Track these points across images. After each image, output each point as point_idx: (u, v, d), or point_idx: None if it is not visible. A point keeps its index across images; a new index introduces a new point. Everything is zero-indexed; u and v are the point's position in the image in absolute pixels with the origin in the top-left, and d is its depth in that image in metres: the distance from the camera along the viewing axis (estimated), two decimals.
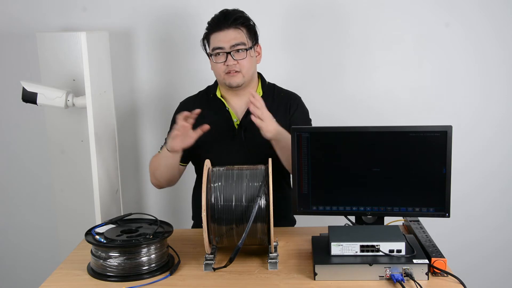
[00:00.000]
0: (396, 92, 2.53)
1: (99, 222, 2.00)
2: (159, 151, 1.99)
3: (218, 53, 1.92)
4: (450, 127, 1.63)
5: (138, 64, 2.57)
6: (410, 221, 1.85)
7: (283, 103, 2.04)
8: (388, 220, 1.79)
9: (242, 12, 1.98)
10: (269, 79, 2.12)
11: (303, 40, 2.51)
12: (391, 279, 1.48)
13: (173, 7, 2.50)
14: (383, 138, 1.69)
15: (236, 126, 2.00)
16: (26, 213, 2.73)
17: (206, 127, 1.82)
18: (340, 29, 2.49)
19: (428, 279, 1.49)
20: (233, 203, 1.57)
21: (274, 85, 2.12)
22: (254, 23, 2.00)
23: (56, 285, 1.56)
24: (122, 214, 1.77)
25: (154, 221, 1.71)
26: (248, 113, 1.95)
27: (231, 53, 1.91)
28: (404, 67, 2.52)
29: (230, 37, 1.91)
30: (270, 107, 1.94)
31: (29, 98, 2.12)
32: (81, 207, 2.30)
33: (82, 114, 2.20)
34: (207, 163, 1.66)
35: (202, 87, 2.17)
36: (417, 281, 1.46)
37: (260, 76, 2.09)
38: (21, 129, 2.65)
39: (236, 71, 1.92)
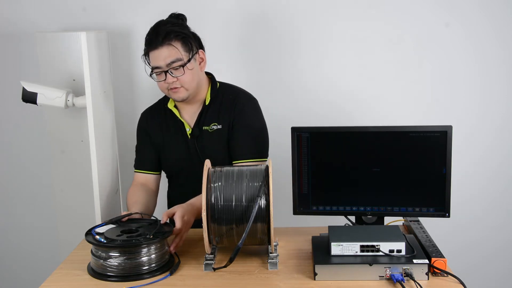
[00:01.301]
0: (396, 92, 2.53)
1: (99, 222, 2.00)
2: (136, 173, 2.10)
3: (157, 72, 1.90)
4: (450, 127, 1.63)
5: (138, 64, 2.57)
6: (410, 221, 1.85)
7: (227, 105, 1.99)
8: (388, 220, 1.79)
9: (175, 23, 1.91)
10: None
11: (302, 40, 2.51)
12: (391, 279, 1.48)
13: (173, 7, 2.49)
14: (383, 138, 1.69)
15: (189, 136, 2.00)
16: (26, 213, 2.73)
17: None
18: (340, 29, 2.49)
19: (428, 279, 1.49)
20: (233, 203, 1.57)
21: (226, 85, 2.06)
22: (189, 31, 1.93)
23: (56, 285, 1.56)
24: (122, 214, 1.77)
25: (155, 221, 1.71)
26: (198, 121, 1.99)
27: (169, 70, 1.87)
28: (404, 67, 2.52)
29: (164, 55, 1.85)
30: (215, 112, 1.99)
31: (29, 98, 2.12)
32: (81, 207, 2.30)
33: (82, 114, 2.20)
34: (207, 163, 1.66)
35: None
36: (417, 281, 1.46)
37: (211, 78, 2.05)
38: (21, 129, 2.65)
39: (177, 87, 1.90)
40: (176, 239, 1.72)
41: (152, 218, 1.75)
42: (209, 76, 2.06)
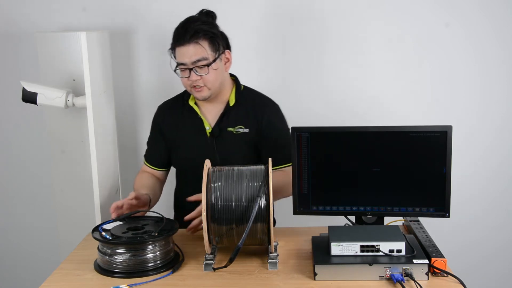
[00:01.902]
0: (396, 92, 2.54)
1: (99, 222, 2.00)
2: (144, 164, 2.11)
3: (182, 69, 1.89)
4: (450, 127, 1.63)
5: (138, 64, 2.57)
6: (410, 221, 1.84)
7: (255, 110, 1.99)
8: (388, 220, 1.79)
9: (204, 21, 1.89)
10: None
11: (302, 40, 2.51)
12: (391, 279, 1.48)
13: (173, 7, 2.50)
14: (383, 138, 1.69)
15: (208, 134, 1.99)
16: (26, 213, 2.74)
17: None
18: (339, 29, 2.49)
19: (428, 279, 1.49)
20: (233, 203, 1.57)
21: (250, 89, 2.06)
22: (217, 31, 1.91)
23: (56, 285, 1.56)
24: (127, 213, 1.78)
25: (160, 219, 1.72)
26: (219, 121, 1.98)
27: (194, 68, 1.86)
28: (404, 67, 2.52)
29: (190, 53, 1.85)
30: (241, 115, 1.98)
31: (29, 98, 2.12)
32: (81, 207, 2.31)
33: (82, 114, 2.20)
34: (207, 163, 1.66)
35: None
36: (417, 281, 1.46)
37: (235, 80, 2.05)
38: (21, 129, 2.65)
39: (200, 86, 1.89)
40: (196, 221, 1.76)
41: (158, 215, 1.75)
42: (233, 77, 2.06)
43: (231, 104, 1.99)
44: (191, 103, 2.02)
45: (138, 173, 2.12)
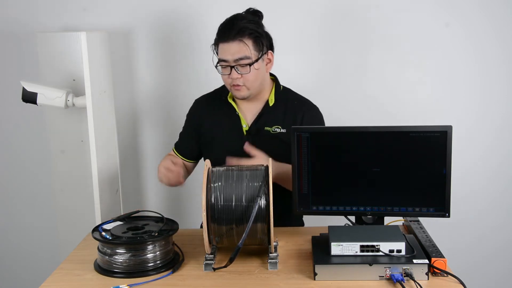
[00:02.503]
0: (396, 92, 2.54)
1: (99, 222, 2.00)
2: (173, 152, 2.09)
3: (223, 65, 1.89)
4: (450, 127, 1.63)
5: (138, 64, 2.57)
6: (410, 221, 1.85)
7: (293, 111, 1.99)
8: (388, 220, 1.79)
9: (251, 20, 1.88)
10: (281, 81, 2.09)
11: (302, 40, 2.51)
12: (391, 279, 1.48)
13: (173, 7, 2.50)
14: (383, 138, 1.69)
15: (245, 132, 1.98)
16: (26, 213, 2.74)
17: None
18: (339, 29, 2.49)
19: (428, 279, 1.49)
20: (233, 203, 1.57)
21: (289, 90, 2.06)
22: (263, 31, 1.90)
23: (56, 285, 1.56)
24: (128, 212, 1.78)
25: (161, 219, 1.73)
26: (257, 120, 1.97)
27: (235, 66, 1.86)
28: (404, 67, 2.52)
29: (234, 50, 1.84)
30: (279, 115, 1.97)
31: (29, 98, 2.12)
32: (81, 207, 2.31)
33: (82, 114, 2.20)
34: (207, 163, 1.66)
35: (202, 87, 2.17)
36: (417, 281, 1.46)
37: (275, 80, 2.04)
38: (21, 129, 2.65)
39: (240, 85, 1.89)
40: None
41: (158, 215, 1.75)
42: (272, 77, 2.05)
43: (271, 104, 1.98)
44: (230, 100, 2.01)
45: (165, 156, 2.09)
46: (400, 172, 1.69)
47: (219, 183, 1.60)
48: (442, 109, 2.55)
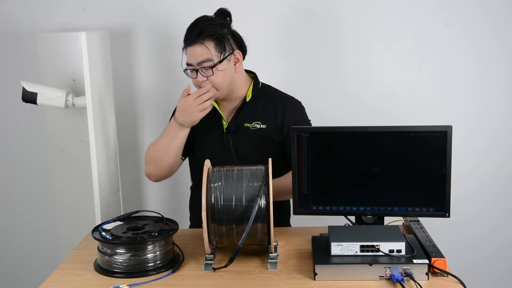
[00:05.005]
0: (396, 92, 2.53)
1: (99, 222, 2.00)
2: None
3: (190, 69, 1.89)
4: (450, 127, 1.63)
5: (138, 64, 2.57)
6: (410, 221, 1.85)
7: (274, 107, 1.98)
8: (388, 220, 1.79)
9: (210, 22, 1.86)
10: (264, 80, 2.09)
11: (302, 41, 2.51)
12: (391, 279, 1.48)
13: (173, 7, 2.50)
14: (383, 138, 1.69)
15: (225, 130, 1.98)
16: (26, 213, 2.74)
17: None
18: (339, 29, 2.49)
19: (428, 279, 1.49)
20: (233, 203, 1.57)
21: (269, 87, 2.05)
22: (227, 31, 1.88)
23: (56, 285, 1.56)
24: (128, 212, 1.78)
25: (161, 219, 1.73)
26: (236, 116, 1.97)
27: (200, 69, 1.86)
28: (404, 67, 2.52)
29: (196, 53, 1.84)
30: (259, 111, 1.96)
31: (29, 98, 2.12)
32: (81, 207, 2.30)
33: (82, 114, 2.20)
34: (207, 163, 1.66)
35: None
36: (417, 281, 1.46)
37: (254, 77, 2.03)
38: (21, 129, 2.65)
39: (207, 87, 1.87)
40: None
41: (158, 215, 1.76)
42: (252, 75, 2.04)
43: (248, 99, 1.97)
44: None
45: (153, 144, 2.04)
46: (400, 172, 1.69)
47: (219, 183, 1.60)
48: (442, 109, 2.55)
